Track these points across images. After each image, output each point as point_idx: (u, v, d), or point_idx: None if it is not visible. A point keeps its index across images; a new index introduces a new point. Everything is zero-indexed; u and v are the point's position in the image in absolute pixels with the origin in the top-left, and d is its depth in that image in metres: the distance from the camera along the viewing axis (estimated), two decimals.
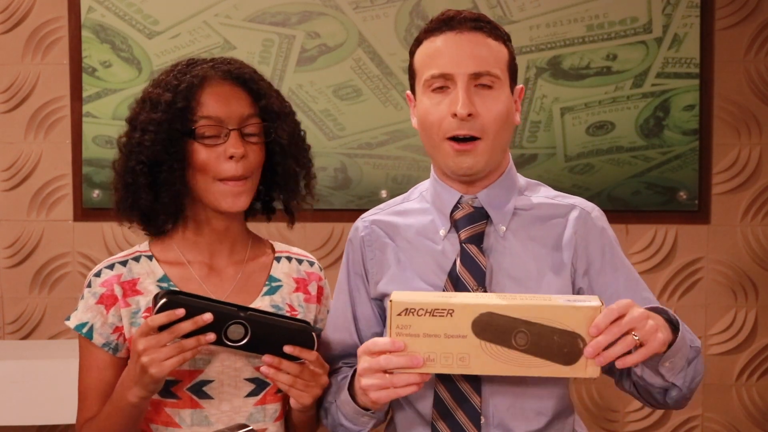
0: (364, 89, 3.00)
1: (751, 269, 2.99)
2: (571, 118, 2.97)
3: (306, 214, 1.68)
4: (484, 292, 1.46)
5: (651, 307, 1.40)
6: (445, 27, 1.49)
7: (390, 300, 1.35)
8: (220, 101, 1.52)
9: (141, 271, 1.57)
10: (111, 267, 1.57)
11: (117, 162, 1.57)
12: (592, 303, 1.31)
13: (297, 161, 1.60)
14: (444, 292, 1.50)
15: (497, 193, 1.53)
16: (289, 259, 1.66)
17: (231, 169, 1.50)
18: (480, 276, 1.47)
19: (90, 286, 1.56)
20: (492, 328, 1.32)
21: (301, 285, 1.64)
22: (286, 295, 1.61)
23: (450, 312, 1.32)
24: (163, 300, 1.37)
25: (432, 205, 1.57)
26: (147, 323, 1.38)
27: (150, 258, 1.59)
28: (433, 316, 1.33)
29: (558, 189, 1.63)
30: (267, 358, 1.42)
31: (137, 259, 1.59)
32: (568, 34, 2.95)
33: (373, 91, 2.99)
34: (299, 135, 1.62)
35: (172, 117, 1.51)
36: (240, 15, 2.99)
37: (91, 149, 3.01)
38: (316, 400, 1.50)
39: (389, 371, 1.35)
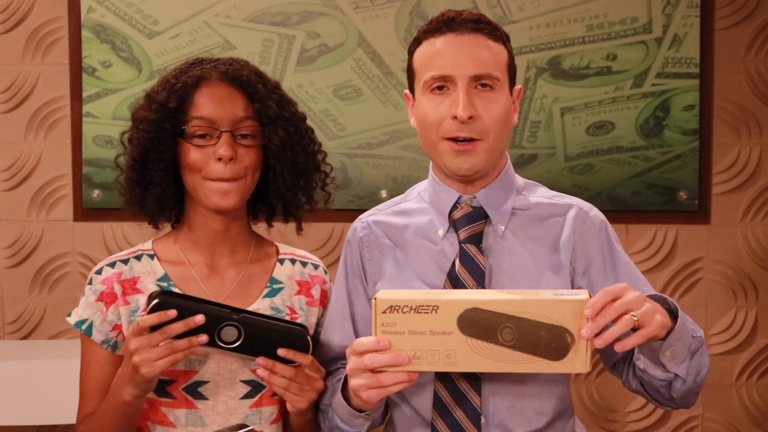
0: (364, 89, 2.99)
1: (751, 269, 2.99)
2: (571, 118, 2.97)
3: (306, 215, 1.67)
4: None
5: (650, 295, 1.38)
6: (446, 28, 1.48)
7: (374, 298, 1.34)
8: (213, 102, 1.52)
9: (142, 269, 1.57)
10: (112, 265, 1.58)
11: (121, 156, 1.60)
12: (579, 296, 1.28)
13: (293, 167, 1.57)
14: (430, 290, 1.49)
15: (496, 193, 1.53)
16: (293, 261, 1.65)
17: (219, 170, 1.50)
18: (479, 276, 1.47)
19: (91, 283, 1.57)
20: (477, 324, 1.30)
21: (303, 288, 1.63)
22: (287, 298, 1.60)
23: (435, 308, 1.31)
24: (155, 301, 1.37)
25: (430, 205, 1.57)
26: (138, 323, 1.38)
27: (152, 257, 1.59)
28: (418, 313, 1.32)
29: (558, 189, 1.63)
30: (261, 360, 1.42)
31: (139, 257, 1.59)
32: (568, 34, 2.94)
33: (373, 91, 2.99)
34: (298, 140, 1.59)
35: (163, 116, 1.52)
36: (240, 15, 2.98)
37: (91, 149, 3.01)
38: (312, 404, 1.49)
39: (376, 370, 1.34)
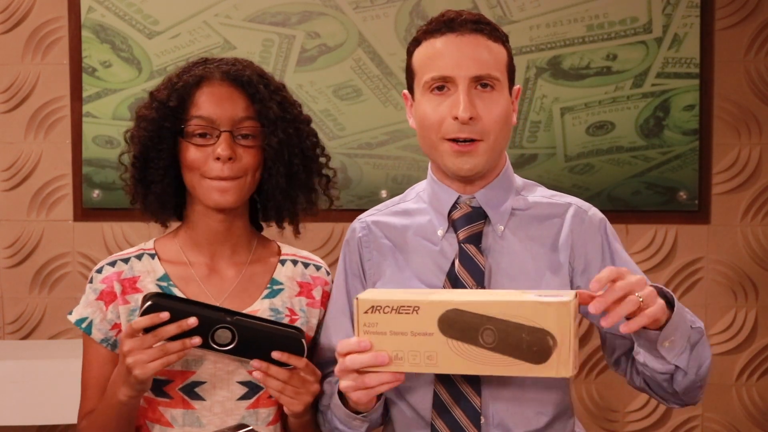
0: (364, 89, 2.99)
1: (751, 269, 2.99)
2: (571, 118, 2.97)
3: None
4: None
5: None
6: (446, 28, 1.48)
7: (356, 298, 1.33)
8: (213, 102, 1.52)
9: (142, 269, 1.57)
10: (113, 264, 1.58)
11: (125, 154, 1.61)
12: (562, 298, 1.24)
13: (288, 170, 1.56)
14: (415, 290, 1.48)
15: (495, 193, 1.53)
16: (295, 262, 1.65)
17: (217, 169, 1.50)
18: (479, 276, 1.47)
19: (91, 281, 1.58)
20: (458, 325, 1.27)
21: (305, 289, 1.62)
22: (287, 299, 1.60)
23: (416, 309, 1.29)
24: (148, 303, 1.38)
25: (429, 206, 1.57)
26: (131, 325, 1.38)
27: (153, 256, 1.59)
28: (399, 313, 1.29)
29: (558, 189, 1.63)
30: (255, 362, 1.42)
31: (140, 257, 1.59)
32: (568, 34, 2.94)
33: (373, 91, 2.99)
34: (298, 143, 1.57)
35: (163, 115, 1.52)
36: (240, 15, 2.98)
37: (91, 149, 3.01)
38: (308, 407, 1.48)
39: (362, 371, 1.33)
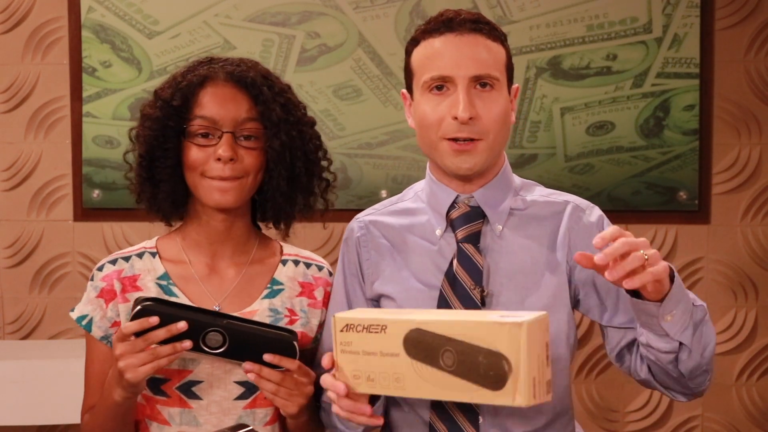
0: (364, 89, 2.99)
1: (751, 269, 2.99)
2: (571, 118, 2.97)
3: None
4: (482, 291, 1.46)
5: None
6: (444, 28, 1.47)
7: (333, 316, 1.30)
8: (216, 102, 1.51)
9: (142, 267, 1.57)
10: (114, 262, 1.58)
11: (130, 153, 1.60)
12: (518, 318, 1.17)
13: (291, 173, 1.56)
14: (393, 309, 1.45)
15: (493, 192, 1.53)
16: (296, 262, 1.64)
17: (218, 169, 1.50)
18: (477, 275, 1.46)
19: (92, 279, 1.58)
20: (421, 346, 1.21)
21: (306, 289, 1.62)
22: (287, 300, 1.59)
23: (383, 328, 1.23)
24: (138, 307, 1.38)
25: (427, 205, 1.56)
26: (121, 329, 1.39)
27: (154, 255, 1.59)
28: (369, 332, 1.24)
29: (558, 189, 1.62)
30: (247, 365, 1.42)
31: (141, 255, 1.59)
32: (568, 34, 2.94)
33: (373, 91, 2.99)
34: (301, 145, 1.57)
35: (167, 114, 1.52)
36: (240, 15, 2.99)
37: (91, 149, 3.01)
38: (303, 408, 1.47)
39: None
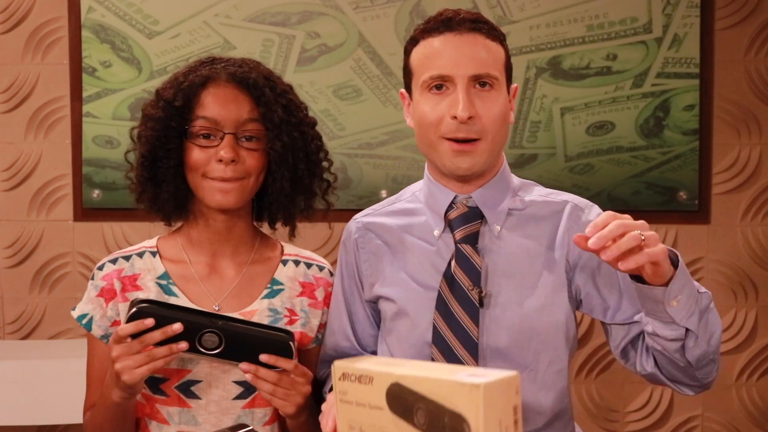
0: (364, 89, 2.99)
1: (751, 269, 2.98)
2: (571, 118, 2.96)
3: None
4: (480, 292, 1.46)
5: None
6: (444, 28, 1.47)
7: (333, 363, 1.26)
8: (218, 103, 1.51)
9: (143, 267, 1.58)
10: (114, 261, 1.59)
11: (131, 153, 1.60)
12: (477, 379, 1.09)
13: (294, 174, 1.56)
14: (386, 359, 1.44)
15: (492, 193, 1.53)
16: (297, 262, 1.64)
17: (219, 170, 1.50)
18: (475, 276, 1.46)
19: (93, 278, 1.59)
20: (400, 401, 1.17)
21: (307, 289, 1.62)
22: (287, 300, 1.59)
23: (371, 380, 1.19)
24: (133, 309, 1.38)
25: (425, 205, 1.56)
26: (117, 332, 1.39)
27: (154, 254, 1.59)
28: (360, 383, 1.21)
29: (558, 189, 1.61)
30: (243, 365, 1.42)
31: (141, 254, 1.59)
32: (568, 34, 2.94)
33: (373, 91, 2.99)
34: (302, 146, 1.57)
35: (169, 115, 1.51)
36: (240, 15, 2.99)
37: (91, 149, 3.01)
38: (301, 408, 1.47)
39: None
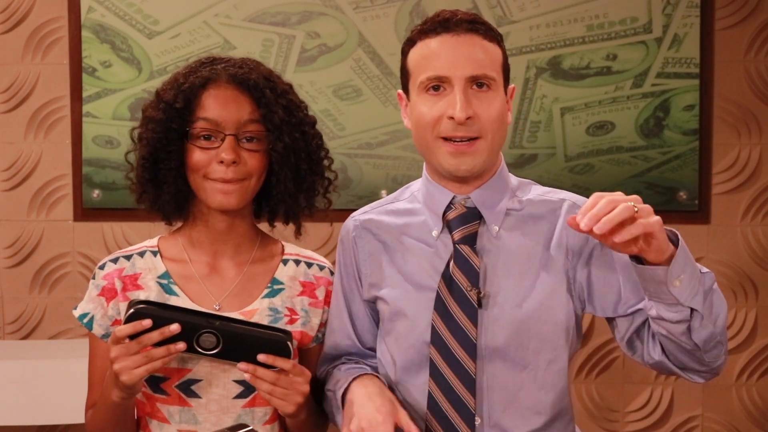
0: (364, 89, 3.00)
1: (751, 269, 2.98)
2: (571, 118, 2.96)
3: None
4: (479, 293, 1.46)
5: None
6: (441, 28, 1.47)
7: None
8: (219, 104, 1.51)
9: (144, 266, 1.58)
10: (115, 261, 1.59)
11: (132, 153, 1.60)
12: None
13: (296, 174, 1.57)
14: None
15: (490, 193, 1.52)
16: (297, 262, 1.64)
17: (220, 171, 1.50)
18: (474, 276, 1.46)
19: (94, 278, 1.59)
20: None
21: (307, 289, 1.62)
22: (288, 299, 1.59)
23: None
24: (131, 310, 1.39)
25: (424, 206, 1.56)
26: (115, 333, 1.39)
27: (155, 253, 1.59)
28: None
29: (557, 189, 1.60)
30: (242, 365, 1.42)
31: (142, 254, 1.59)
32: (568, 34, 2.94)
33: (373, 91, 2.99)
34: (304, 146, 1.58)
35: (170, 116, 1.51)
36: (240, 15, 2.99)
37: (91, 149, 3.01)
38: (300, 407, 1.47)
39: None
